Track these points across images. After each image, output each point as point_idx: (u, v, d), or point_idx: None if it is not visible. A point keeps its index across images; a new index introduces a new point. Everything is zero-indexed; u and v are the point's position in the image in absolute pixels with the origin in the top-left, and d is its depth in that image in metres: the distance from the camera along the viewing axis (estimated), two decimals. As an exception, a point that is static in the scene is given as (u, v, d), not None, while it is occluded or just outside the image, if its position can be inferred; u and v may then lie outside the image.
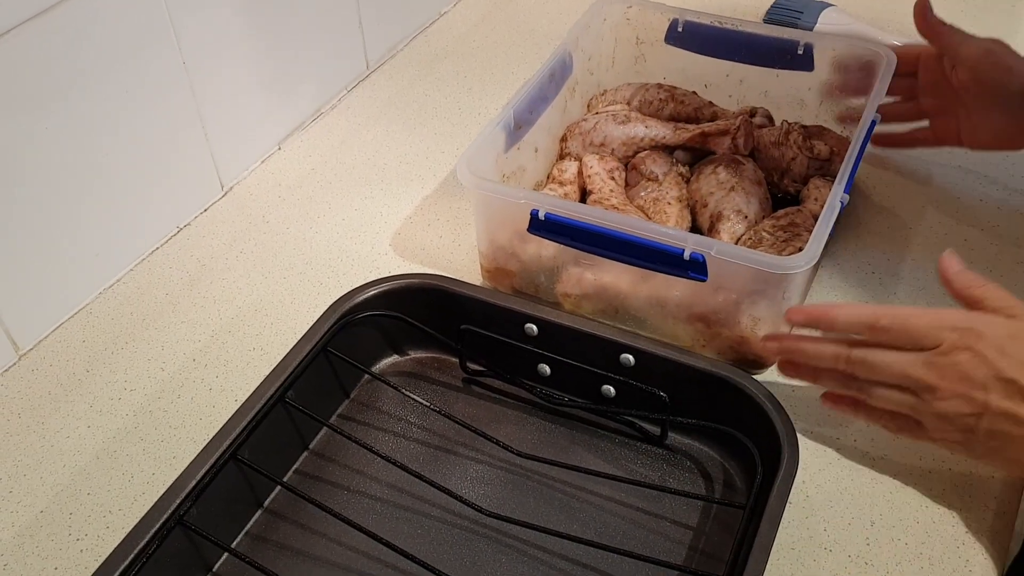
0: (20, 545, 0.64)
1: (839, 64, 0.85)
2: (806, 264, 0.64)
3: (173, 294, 0.81)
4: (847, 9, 1.10)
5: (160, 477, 0.67)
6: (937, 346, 0.58)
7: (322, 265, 0.83)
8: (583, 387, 0.70)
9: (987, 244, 0.82)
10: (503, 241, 0.75)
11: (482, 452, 0.68)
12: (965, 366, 0.57)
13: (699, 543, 0.62)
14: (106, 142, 0.77)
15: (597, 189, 0.81)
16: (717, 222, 0.77)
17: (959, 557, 0.61)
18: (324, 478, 0.67)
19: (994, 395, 0.57)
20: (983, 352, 0.57)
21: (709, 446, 0.68)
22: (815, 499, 0.64)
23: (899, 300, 0.77)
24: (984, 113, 0.78)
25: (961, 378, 0.57)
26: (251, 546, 0.63)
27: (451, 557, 0.62)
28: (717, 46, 0.89)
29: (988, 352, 0.57)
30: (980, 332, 0.57)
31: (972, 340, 0.57)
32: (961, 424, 0.58)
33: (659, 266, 0.68)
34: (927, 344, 0.59)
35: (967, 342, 0.57)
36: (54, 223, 0.75)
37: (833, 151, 0.82)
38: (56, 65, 0.71)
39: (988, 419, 0.57)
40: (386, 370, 0.74)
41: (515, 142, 0.80)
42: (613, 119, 0.86)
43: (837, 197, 0.69)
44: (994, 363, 0.56)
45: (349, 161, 0.95)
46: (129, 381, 0.74)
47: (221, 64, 0.86)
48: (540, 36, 1.11)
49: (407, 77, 1.06)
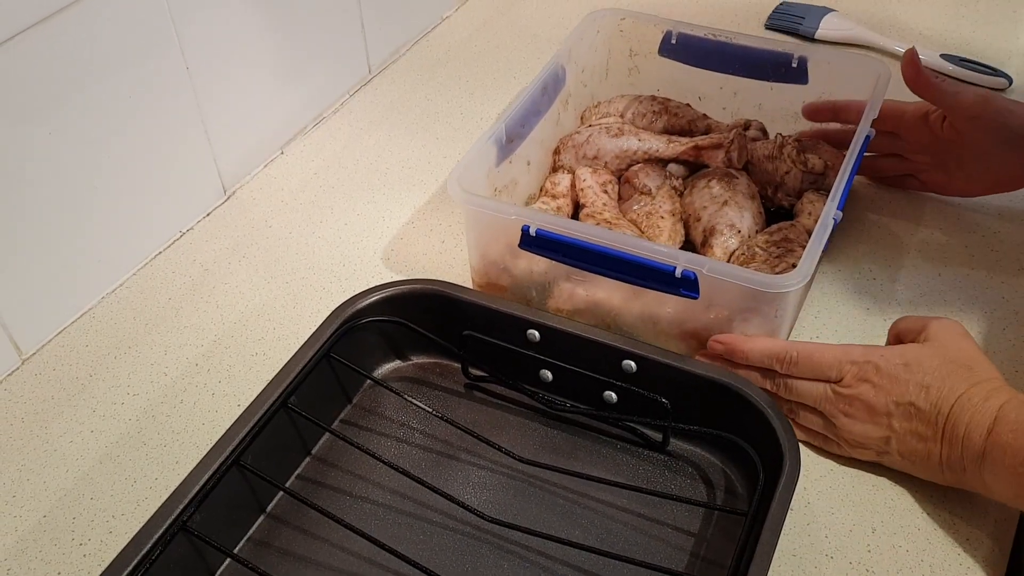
0: (23, 550, 0.64)
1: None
2: (799, 283, 0.64)
3: (176, 299, 0.81)
4: (848, 15, 1.10)
5: (163, 482, 0.67)
6: (841, 379, 0.64)
7: (325, 270, 0.83)
8: (585, 393, 0.70)
9: (987, 251, 0.82)
10: (494, 256, 0.75)
11: (484, 458, 0.68)
12: (866, 396, 0.63)
13: (700, 549, 0.62)
14: (108, 147, 0.77)
15: (590, 202, 0.81)
16: (710, 236, 0.77)
17: (960, 564, 0.61)
18: (326, 483, 0.67)
19: (896, 420, 0.62)
20: (881, 383, 0.63)
21: (711, 452, 0.68)
22: (816, 506, 0.65)
23: (898, 307, 0.77)
24: (983, 159, 0.79)
25: (865, 407, 0.63)
26: (254, 551, 0.63)
27: (453, 562, 0.62)
28: (711, 58, 0.89)
29: (885, 382, 0.63)
30: (877, 364, 0.63)
31: (870, 373, 0.63)
32: (875, 447, 0.64)
33: (651, 283, 0.68)
34: (832, 377, 0.65)
35: (866, 375, 0.63)
36: (57, 227, 0.75)
37: (827, 165, 0.81)
38: (58, 71, 0.71)
39: (896, 441, 0.63)
40: (388, 375, 0.74)
41: (507, 156, 0.80)
42: (606, 132, 0.86)
43: (830, 215, 0.69)
44: (891, 391, 0.62)
45: (351, 166, 0.95)
46: (132, 386, 0.74)
47: (224, 68, 0.86)
48: (542, 41, 1.11)
49: (409, 82, 1.06)
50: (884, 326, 0.75)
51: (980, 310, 0.77)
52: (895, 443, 0.63)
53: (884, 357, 0.64)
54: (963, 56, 1.03)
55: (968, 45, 1.06)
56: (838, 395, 0.64)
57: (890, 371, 0.63)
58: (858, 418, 0.64)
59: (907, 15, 1.12)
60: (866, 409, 0.63)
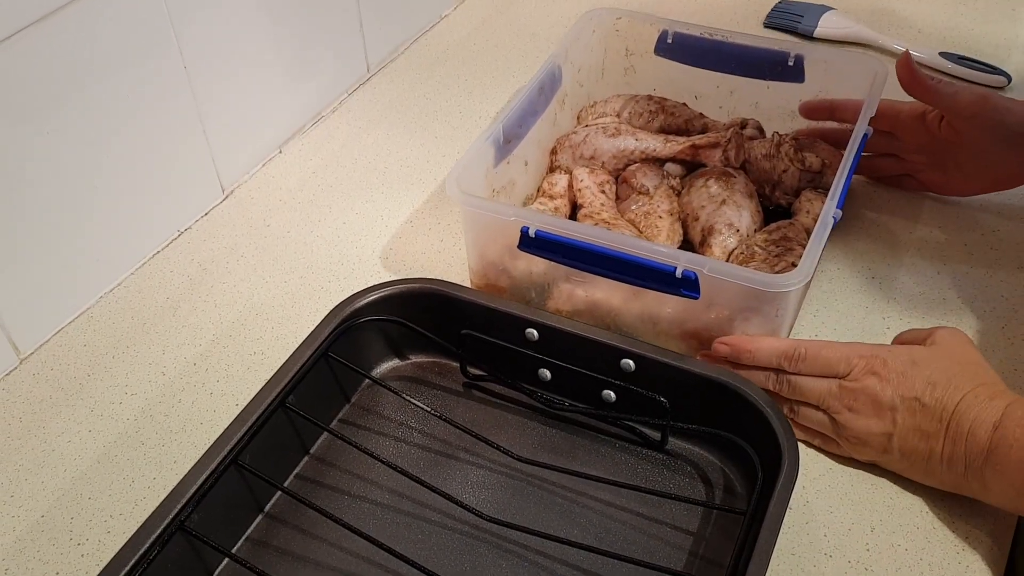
0: (21, 550, 0.64)
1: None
2: (800, 282, 0.64)
3: (174, 298, 0.81)
4: (847, 13, 1.10)
5: (161, 482, 0.67)
6: (848, 373, 0.64)
7: (323, 269, 0.83)
8: (583, 392, 0.70)
9: (987, 249, 0.82)
10: (493, 257, 0.75)
11: (482, 457, 0.68)
12: (873, 389, 0.63)
13: (699, 548, 0.62)
14: (107, 146, 0.77)
15: (588, 203, 0.81)
16: (709, 236, 0.77)
17: (959, 563, 0.61)
18: (325, 483, 0.67)
19: (900, 414, 0.62)
20: (888, 376, 0.63)
21: (709, 451, 0.68)
22: (815, 505, 0.64)
23: (897, 305, 0.77)
24: (981, 158, 0.80)
25: (871, 400, 0.63)
26: (252, 551, 0.63)
27: (451, 562, 0.62)
28: (707, 57, 0.89)
29: (892, 376, 0.63)
30: (885, 359, 0.64)
31: (878, 366, 0.64)
32: (876, 444, 0.64)
33: (651, 283, 0.68)
34: (840, 372, 0.65)
35: (874, 368, 0.64)
36: (55, 227, 0.75)
37: (825, 163, 0.81)
38: (56, 70, 0.71)
39: (899, 437, 0.63)
40: (387, 375, 0.74)
41: (504, 156, 0.80)
42: (603, 132, 0.86)
43: (830, 214, 0.69)
44: (898, 384, 0.63)
45: (350, 164, 0.95)
46: (130, 385, 0.74)
47: (222, 68, 0.86)
48: (541, 39, 1.11)
49: (408, 80, 1.06)
50: (883, 324, 0.76)
51: (979, 308, 0.77)
52: (897, 440, 0.63)
53: (892, 353, 0.64)
54: (962, 54, 1.03)
55: (967, 43, 1.06)
56: (844, 390, 0.64)
57: (897, 366, 0.63)
58: (862, 413, 0.64)
59: (906, 12, 1.12)
60: (871, 402, 0.63)
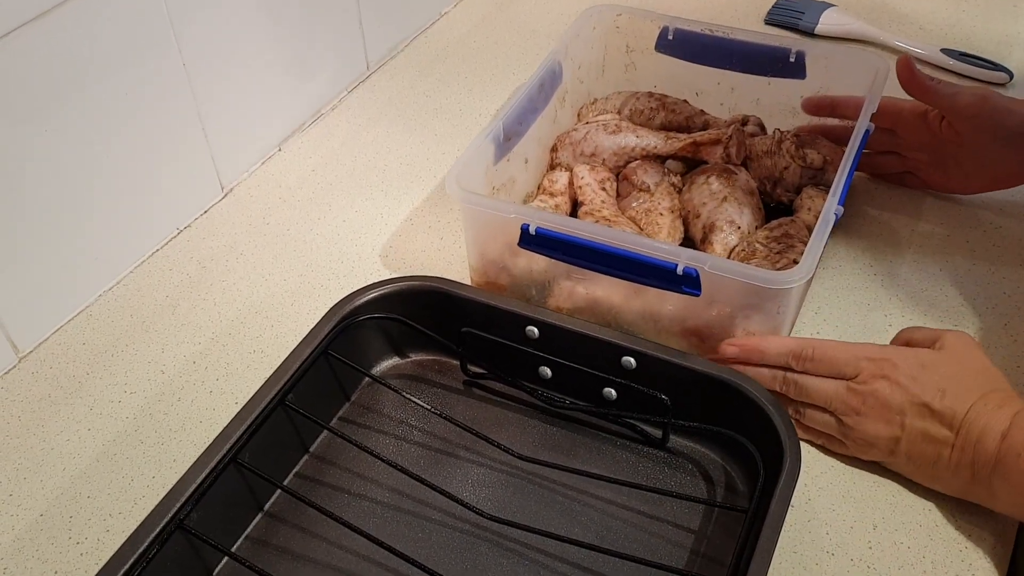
0: (20, 549, 0.63)
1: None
2: (801, 279, 0.64)
3: (173, 296, 0.81)
4: (848, 9, 1.10)
5: (160, 480, 0.67)
6: (857, 375, 0.64)
7: (323, 267, 0.83)
8: (584, 390, 0.70)
9: (989, 246, 0.82)
10: (493, 255, 0.75)
11: (483, 455, 0.68)
12: (882, 393, 0.62)
13: (701, 547, 0.62)
14: (106, 144, 0.77)
15: (588, 200, 0.81)
16: (710, 233, 0.77)
17: (962, 561, 0.61)
18: (324, 481, 0.67)
19: (909, 419, 0.62)
20: (898, 380, 0.62)
21: (711, 449, 0.67)
22: (817, 502, 0.64)
23: (899, 302, 0.77)
24: (981, 157, 0.79)
25: (880, 403, 0.63)
26: (251, 550, 0.63)
27: (452, 561, 0.62)
28: (708, 54, 0.88)
29: (902, 379, 0.62)
30: (895, 362, 0.63)
31: (888, 369, 0.63)
32: (883, 447, 0.64)
33: (652, 281, 0.67)
34: (848, 373, 0.64)
35: (883, 371, 0.63)
36: (54, 225, 0.75)
37: (826, 160, 0.81)
38: (55, 68, 0.71)
39: (906, 441, 0.62)
40: (387, 373, 0.74)
41: (505, 154, 0.80)
42: (604, 129, 0.85)
43: (831, 211, 0.68)
44: (908, 389, 0.62)
45: (349, 162, 0.94)
46: (129, 384, 0.74)
47: (221, 65, 0.85)
48: (541, 36, 1.11)
49: (408, 78, 1.06)
50: (885, 321, 0.75)
51: (981, 305, 0.76)
52: (904, 444, 0.62)
53: (901, 356, 0.64)
54: (963, 50, 1.02)
55: (969, 39, 1.06)
56: (852, 391, 0.63)
57: (908, 370, 0.62)
58: (870, 416, 0.63)
59: (908, 9, 1.12)
60: (880, 406, 0.62)
